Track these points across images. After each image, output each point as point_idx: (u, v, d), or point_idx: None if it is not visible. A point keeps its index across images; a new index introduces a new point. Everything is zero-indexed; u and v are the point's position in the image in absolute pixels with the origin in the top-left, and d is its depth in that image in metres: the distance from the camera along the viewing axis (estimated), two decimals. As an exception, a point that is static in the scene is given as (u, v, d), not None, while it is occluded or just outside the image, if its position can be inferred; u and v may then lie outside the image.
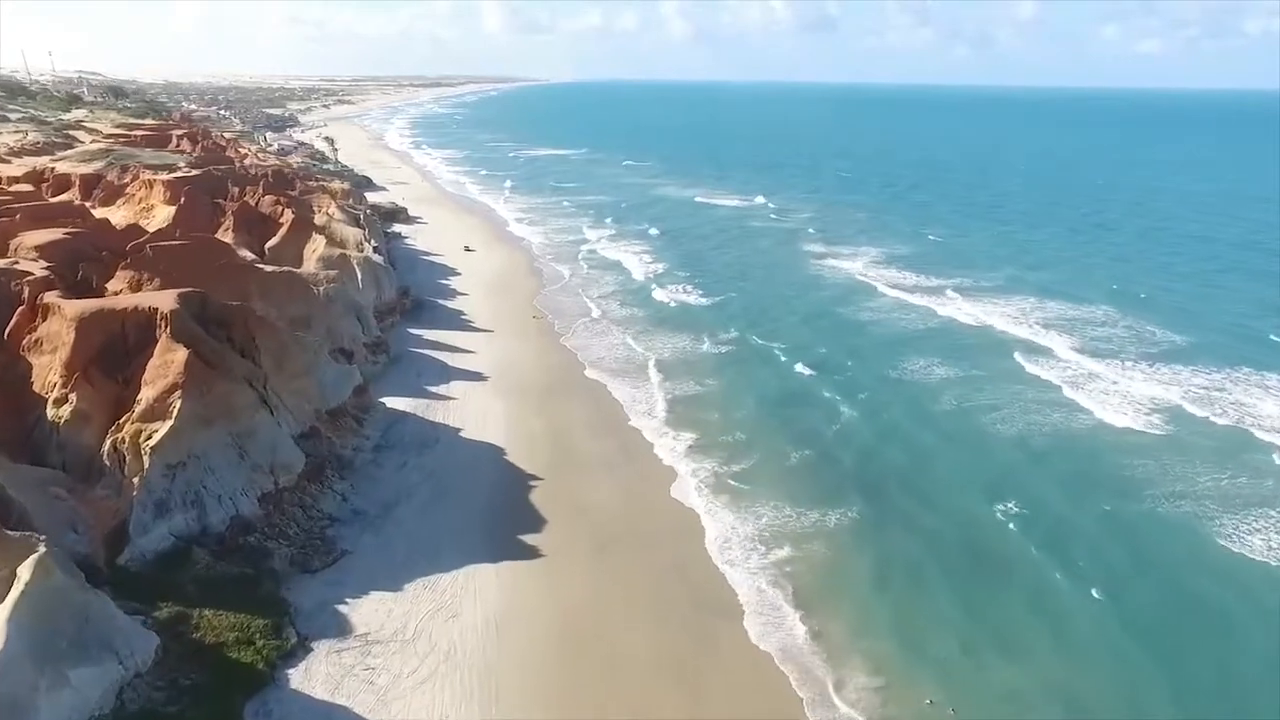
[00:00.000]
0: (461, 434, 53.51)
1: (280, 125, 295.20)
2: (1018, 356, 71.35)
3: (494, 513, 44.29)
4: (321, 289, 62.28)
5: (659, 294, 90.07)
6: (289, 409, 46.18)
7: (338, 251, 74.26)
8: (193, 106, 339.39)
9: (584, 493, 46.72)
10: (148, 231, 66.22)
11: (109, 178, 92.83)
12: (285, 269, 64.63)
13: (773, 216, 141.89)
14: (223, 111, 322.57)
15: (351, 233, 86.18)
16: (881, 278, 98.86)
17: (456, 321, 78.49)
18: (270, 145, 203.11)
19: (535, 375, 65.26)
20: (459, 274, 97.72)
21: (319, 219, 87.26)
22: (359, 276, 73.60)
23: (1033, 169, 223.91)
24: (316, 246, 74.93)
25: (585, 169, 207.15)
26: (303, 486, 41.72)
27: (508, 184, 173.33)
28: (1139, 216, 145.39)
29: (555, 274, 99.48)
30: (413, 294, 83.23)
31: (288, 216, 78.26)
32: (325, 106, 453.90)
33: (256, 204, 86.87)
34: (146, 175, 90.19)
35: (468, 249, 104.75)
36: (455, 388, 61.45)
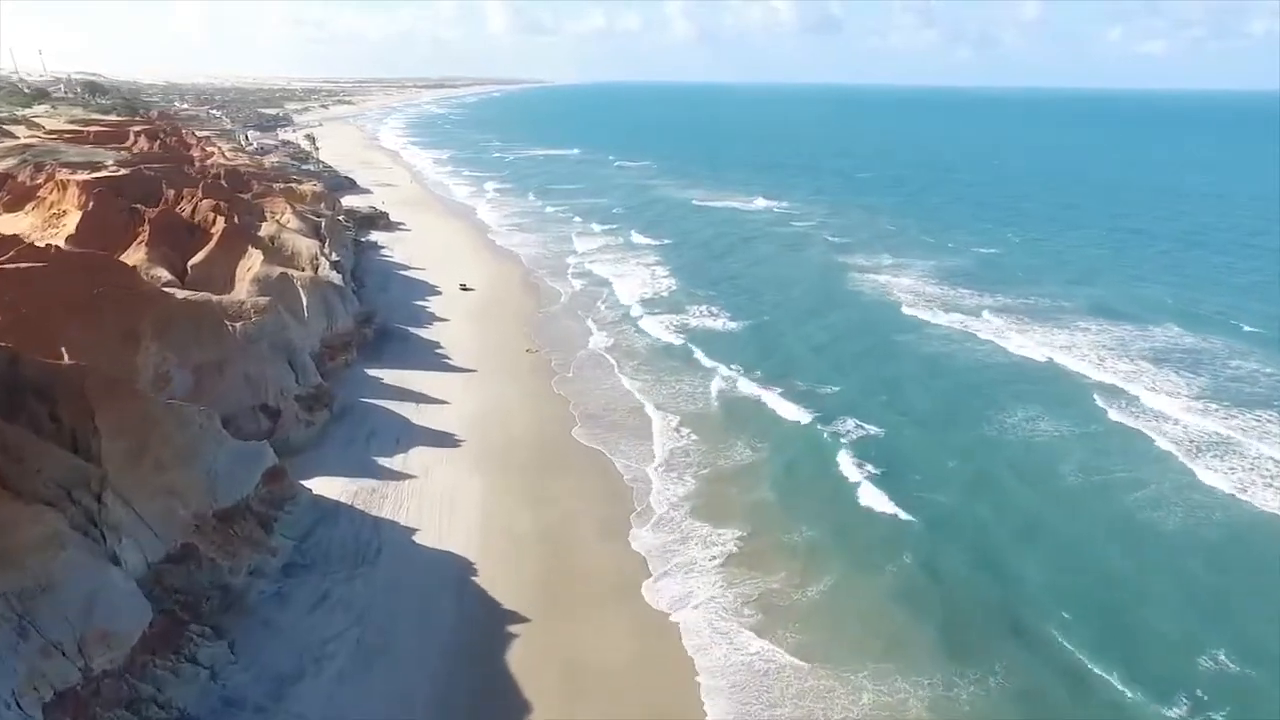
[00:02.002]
0: (416, 538, 38.04)
1: (271, 125, 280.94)
2: (1108, 410, 55.11)
3: (451, 692, 28.81)
4: (239, 325, 46.86)
5: (665, 319, 74.61)
6: (147, 522, 30.82)
7: (277, 270, 58.90)
8: (184, 105, 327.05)
9: (586, 650, 31.20)
10: (25, 243, 51.01)
11: (20, 178, 77.86)
12: (194, 297, 49.39)
13: (783, 223, 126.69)
14: (213, 111, 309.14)
15: (305, 245, 70.92)
16: (909, 296, 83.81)
17: (430, 357, 63.12)
18: (249, 144, 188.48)
19: (523, 436, 49.82)
20: (439, 292, 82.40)
21: (267, 228, 72.05)
22: (304, 302, 58.28)
23: (1043, 169, 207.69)
24: (252, 264, 59.62)
25: (584, 170, 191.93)
26: (141, 663, 26.29)
27: (501, 187, 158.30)
28: (1172, 220, 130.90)
29: (551, 292, 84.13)
30: (378, 321, 67.86)
31: (219, 226, 62.97)
32: (324, 106, 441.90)
33: (193, 210, 71.73)
34: (63, 175, 75.12)
35: (464, 287, 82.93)
36: (417, 458, 46.00)
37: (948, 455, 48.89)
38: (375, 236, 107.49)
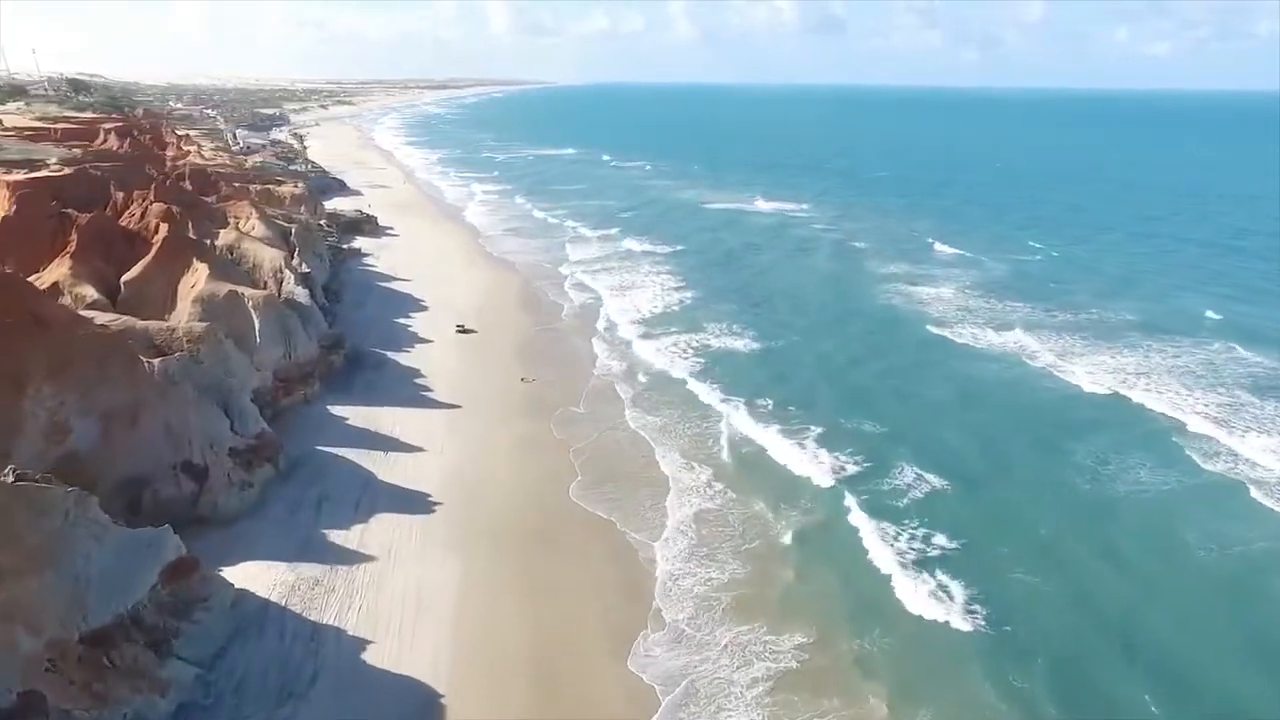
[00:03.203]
0: (367, 656, 28.82)
1: (266, 124, 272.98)
2: (1200, 460, 46.31)
3: None
4: (159, 363, 37.70)
5: (678, 340, 65.57)
6: (-34, 668, 21.70)
7: (225, 288, 49.74)
8: (179, 105, 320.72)
9: None
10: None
11: (-50, 178, 68.82)
12: (114, 324, 40.31)
13: (793, 226, 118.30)
14: (208, 110, 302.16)
15: (269, 256, 61.86)
16: (940, 310, 75.49)
17: (408, 389, 53.93)
18: (236, 143, 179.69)
19: (513, 497, 40.60)
20: (425, 307, 73.36)
21: (225, 236, 62.97)
22: (255, 326, 49.15)
23: (1053, 169, 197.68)
24: (196, 280, 50.50)
25: (584, 171, 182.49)
26: None
27: (496, 189, 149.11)
28: (1200, 222, 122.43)
29: (550, 307, 75.17)
30: (349, 345, 58.63)
31: (161, 234, 53.88)
32: (323, 106, 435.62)
33: (142, 214, 62.85)
34: (-5, 175, 66.21)
35: (462, 329, 66.80)
36: (379, 531, 36.84)
37: (1020, 523, 39.84)
38: (360, 243, 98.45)
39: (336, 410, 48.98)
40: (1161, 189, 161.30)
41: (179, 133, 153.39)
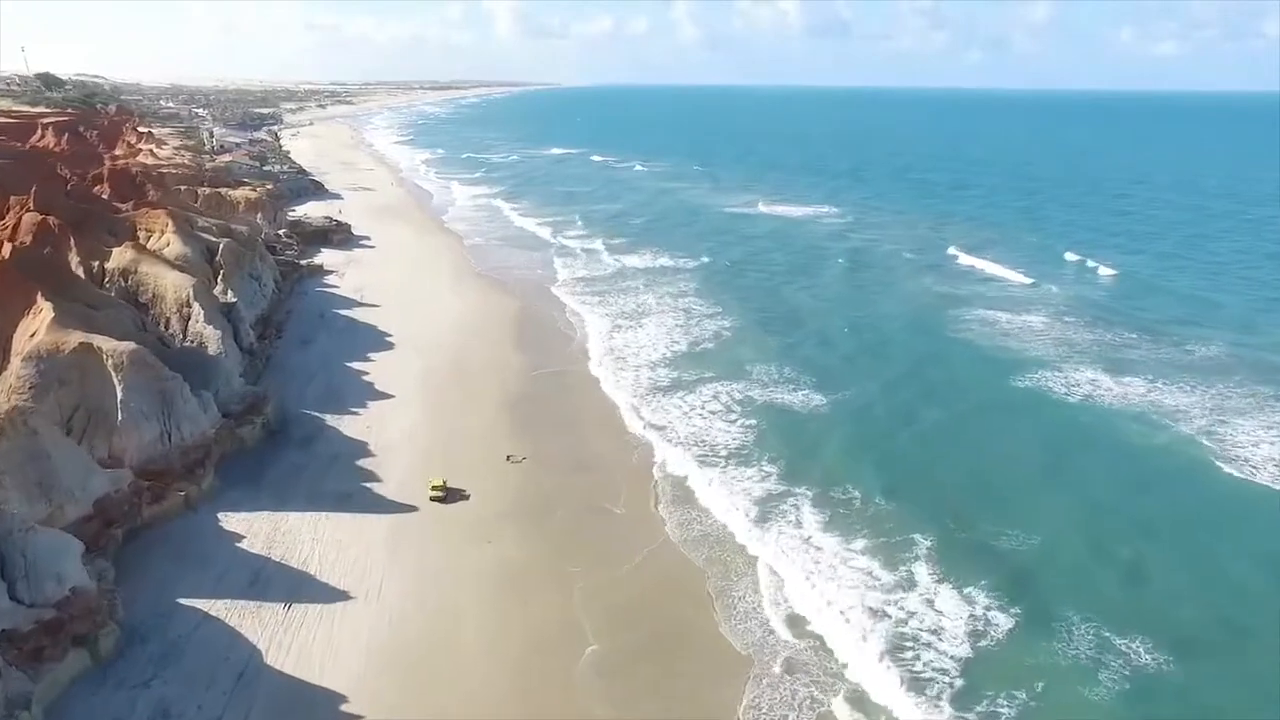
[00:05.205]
0: None
1: (255, 123, 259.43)
2: None
3: None
4: None
5: (714, 390, 50.92)
6: None
7: (75, 339, 34.26)
8: (170, 104, 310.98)
9: None
10: None
11: None
12: None
13: (825, 232, 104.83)
14: (198, 110, 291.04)
15: (173, 283, 46.32)
16: (1020, 344, 61.19)
17: (344, 478, 38.24)
18: (211, 141, 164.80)
19: (488, 695, 25.05)
20: (391, 344, 57.90)
21: (119, 257, 47.42)
22: (118, 396, 33.71)
23: (1072, 171, 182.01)
24: (37, 326, 35.09)
25: (586, 172, 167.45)
26: None
27: (490, 191, 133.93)
28: (1251, 230, 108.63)
29: (549, 341, 60.12)
30: (274, 407, 42.95)
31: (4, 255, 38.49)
32: (321, 106, 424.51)
33: (15, 226, 47.78)
34: None
35: (439, 494, 36.46)
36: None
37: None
38: (325, 256, 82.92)
39: (231, 520, 33.38)
40: (1193, 190, 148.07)
41: (141, 130, 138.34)
